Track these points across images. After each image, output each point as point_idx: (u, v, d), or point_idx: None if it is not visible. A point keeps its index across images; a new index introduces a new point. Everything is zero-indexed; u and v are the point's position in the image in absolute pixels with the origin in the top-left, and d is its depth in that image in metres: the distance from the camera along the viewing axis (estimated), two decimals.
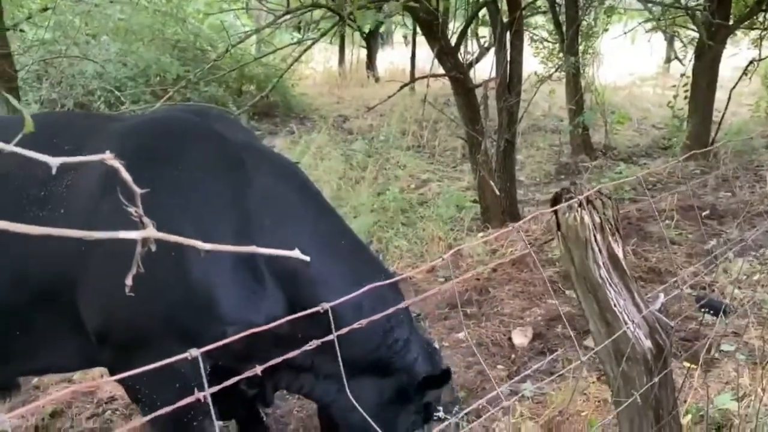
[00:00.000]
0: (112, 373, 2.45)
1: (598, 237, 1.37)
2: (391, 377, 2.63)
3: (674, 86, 8.24)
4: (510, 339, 4.06)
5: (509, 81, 5.76)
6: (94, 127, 2.53)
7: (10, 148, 0.62)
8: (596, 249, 1.38)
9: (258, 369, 0.91)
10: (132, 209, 0.71)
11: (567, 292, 4.55)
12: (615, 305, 1.46)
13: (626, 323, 1.48)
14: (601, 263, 1.39)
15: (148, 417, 0.89)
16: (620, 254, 1.40)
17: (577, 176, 8.00)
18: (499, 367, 3.79)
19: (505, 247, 5.50)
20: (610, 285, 1.43)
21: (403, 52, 13.63)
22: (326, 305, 0.93)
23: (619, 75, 13.40)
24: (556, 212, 1.38)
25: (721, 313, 3.95)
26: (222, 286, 2.27)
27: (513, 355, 3.90)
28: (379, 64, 15.13)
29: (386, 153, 8.61)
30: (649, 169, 7.46)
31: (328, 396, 2.62)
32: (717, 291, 4.42)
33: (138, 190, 0.73)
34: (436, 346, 2.90)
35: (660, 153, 9.08)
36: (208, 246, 0.75)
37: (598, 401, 3.22)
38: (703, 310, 4.01)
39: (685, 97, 8.32)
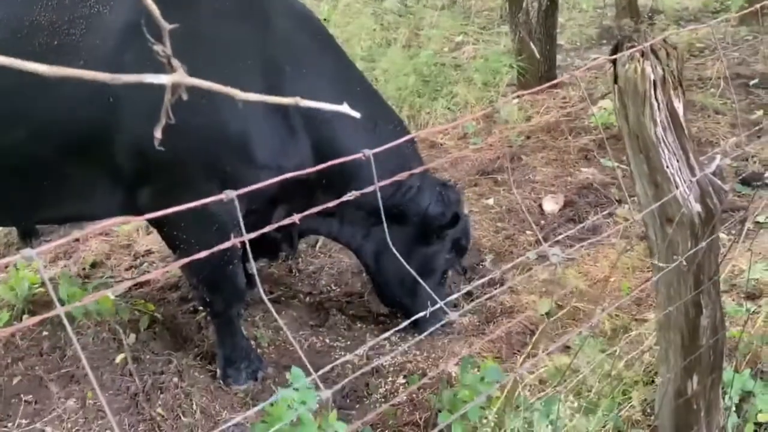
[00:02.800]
0: (148, 220, 2.49)
1: (659, 91, 1.27)
2: (408, 224, 2.81)
3: None
4: (540, 206, 4.03)
5: None
6: None
7: None
8: (655, 104, 1.28)
9: (296, 217, 0.87)
10: (159, 48, 0.61)
11: (601, 160, 4.44)
12: (668, 166, 1.38)
13: (677, 185, 1.41)
14: (658, 120, 1.30)
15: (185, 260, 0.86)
16: (680, 111, 1.30)
17: (644, 27, 7.58)
18: (528, 233, 3.79)
19: (540, 114, 5.33)
20: (666, 145, 1.34)
21: None
22: (368, 152, 0.87)
23: None
24: (614, 62, 1.27)
25: (761, 184, 3.85)
26: (256, 130, 2.34)
27: (543, 222, 3.88)
28: None
29: (419, 12, 8.19)
30: (697, 33, 7.01)
31: (355, 241, 2.84)
32: (758, 163, 4.27)
33: (166, 25, 0.62)
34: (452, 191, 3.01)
35: (711, 17, 8.49)
36: (243, 95, 0.67)
37: (627, 268, 3.23)
38: (746, 181, 3.91)
39: None
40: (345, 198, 0.94)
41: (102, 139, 2.22)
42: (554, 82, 1.41)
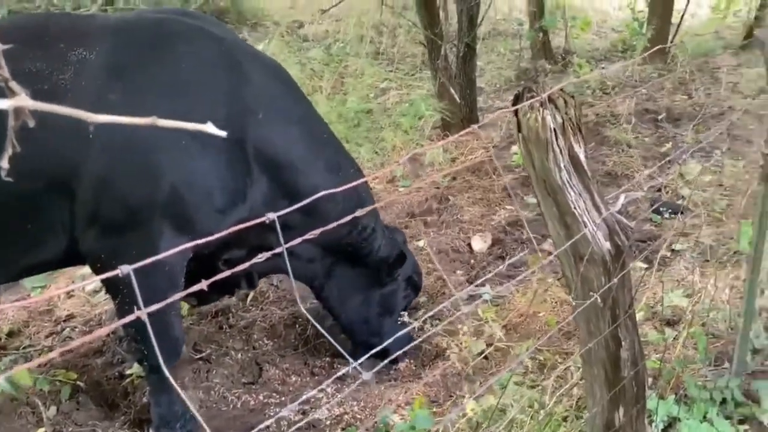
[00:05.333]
0: (94, 261, 2.42)
1: (560, 138, 1.33)
2: (364, 265, 2.98)
3: None
4: (470, 245, 4.11)
5: None
6: (82, 26, 2.49)
7: None
8: (557, 150, 1.34)
9: (204, 284, 0.85)
10: None
11: (525, 197, 4.58)
12: (575, 208, 1.43)
13: (586, 225, 1.46)
14: (562, 165, 1.36)
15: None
16: (582, 156, 1.37)
17: (538, 81, 7.91)
18: (459, 272, 3.84)
19: (465, 155, 5.47)
20: (571, 187, 1.40)
21: None
22: (272, 215, 0.87)
23: None
24: (517, 112, 1.32)
25: (675, 213, 4.05)
26: (214, 175, 2.40)
27: (472, 261, 3.95)
28: None
29: (344, 61, 8.34)
30: (608, 72, 7.39)
31: (317, 278, 2.97)
32: (671, 193, 4.50)
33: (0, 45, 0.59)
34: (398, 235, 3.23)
35: (619, 57, 9.00)
36: (101, 118, 0.65)
37: (555, 302, 3.31)
38: (659, 211, 4.10)
39: None
40: (254, 261, 0.93)
41: (72, 180, 2.24)
42: (463, 132, 1.45)
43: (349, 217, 1.32)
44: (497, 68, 8.56)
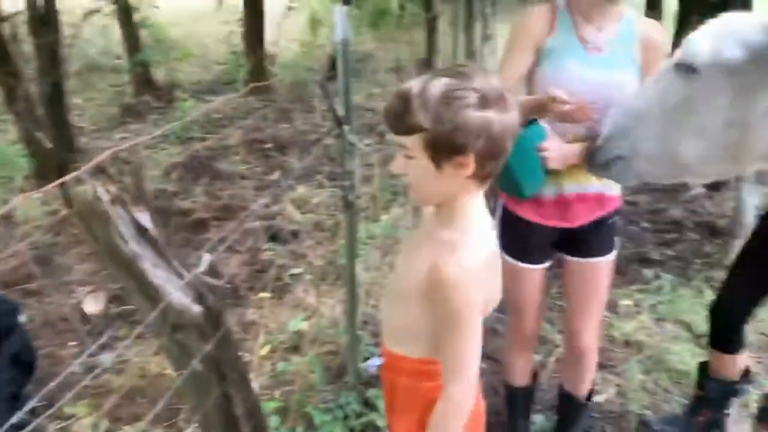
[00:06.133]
0: None
1: (119, 209, 1.20)
2: None
3: (230, 21, 8.39)
4: (82, 309, 3.68)
5: (44, 14, 5.01)
6: None
7: None
8: (119, 222, 1.21)
9: None
10: None
11: None
12: (153, 278, 1.32)
13: (169, 294, 1.36)
14: (128, 238, 1.23)
15: None
16: (148, 224, 1.26)
17: (144, 117, 7.60)
18: (73, 343, 3.39)
19: (67, 207, 4.91)
20: (144, 258, 1.28)
21: None
22: None
23: (174, 9, 13.06)
24: (62, 186, 1.15)
25: (288, 239, 4.26)
26: None
27: (87, 326, 3.53)
28: None
29: None
30: (214, 104, 7.52)
31: None
32: (285, 218, 4.73)
33: None
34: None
35: (224, 89, 9.24)
36: None
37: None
38: (274, 238, 4.26)
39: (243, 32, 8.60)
40: None
41: None
42: (57, 182, 1.20)
43: None
44: (98, 106, 7.99)
